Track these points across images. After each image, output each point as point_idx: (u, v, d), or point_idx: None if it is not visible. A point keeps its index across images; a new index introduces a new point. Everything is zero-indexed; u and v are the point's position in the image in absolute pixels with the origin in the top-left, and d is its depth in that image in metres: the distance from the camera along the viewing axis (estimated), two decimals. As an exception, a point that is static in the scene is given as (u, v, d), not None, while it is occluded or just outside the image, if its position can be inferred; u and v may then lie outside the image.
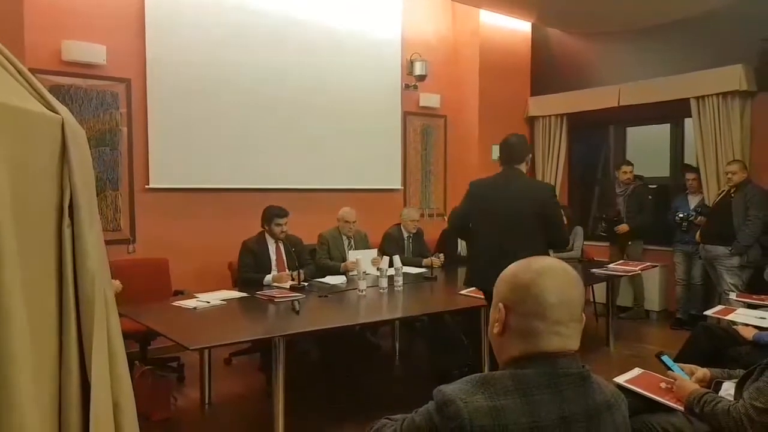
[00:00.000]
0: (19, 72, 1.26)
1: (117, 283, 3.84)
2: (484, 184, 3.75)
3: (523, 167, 3.69)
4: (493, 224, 3.52)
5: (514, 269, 1.25)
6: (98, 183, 4.85)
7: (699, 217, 5.64)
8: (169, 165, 5.22)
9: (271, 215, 4.68)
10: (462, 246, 6.05)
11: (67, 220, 1.25)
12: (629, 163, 6.38)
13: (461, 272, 5.51)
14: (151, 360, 4.30)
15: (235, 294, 4.18)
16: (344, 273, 4.95)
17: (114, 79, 4.95)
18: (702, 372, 2.45)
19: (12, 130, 1.10)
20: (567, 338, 1.19)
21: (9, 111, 1.11)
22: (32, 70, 4.39)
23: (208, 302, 3.82)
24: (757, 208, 5.10)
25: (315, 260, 5.12)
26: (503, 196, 3.54)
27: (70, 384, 1.23)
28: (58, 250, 1.25)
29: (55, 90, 4.57)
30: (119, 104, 4.98)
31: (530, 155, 3.84)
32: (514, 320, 1.21)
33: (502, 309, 1.23)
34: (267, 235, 4.74)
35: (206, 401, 4.07)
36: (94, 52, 4.80)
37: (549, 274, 1.20)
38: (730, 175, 5.28)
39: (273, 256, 4.73)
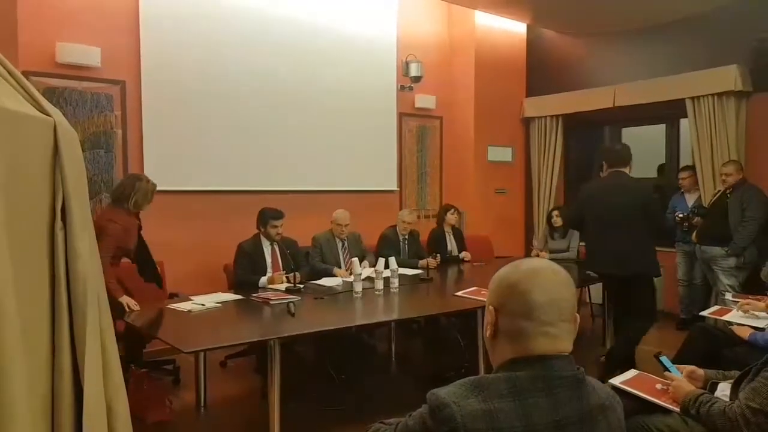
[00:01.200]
0: (11, 74, 1.26)
1: (132, 301, 3.81)
2: (595, 186, 4.59)
3: (627, 170, 4.37)
4: (604, 219, 4.26)
5: (503, 271, 1.26)
6: (93, 186, 4.84)
7: (696, 218, 5.63)
8: (164, 167, 5.21)
9: (267, 217, 4.67)
10: (452, 245, 6.07)
11: (59, 223, 1.24)
12: None
13: (454, 273, 5.55)
14: (146, 363, 4.28)
15: (231, 296, 4.16)
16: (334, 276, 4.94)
17: (109, 81, 4.94)
18: (691, 368, 2.45)
19: (4, 133, 1.10)
20: (556, 339, 1.19)
21: (1, 114, 1.10)
22: (26, 73, 4.39)
23: (204, 305, 3.81)
24: (753, 209, 5.10)
25: (308, 262, 5.11)
26: (611, 195, 4.27)
27: (63, 386, 1.22)
28: (51, 252, 1.24)
29: (49, 92, 4.55)
30: (114, 106, 4.97)
31: (631, 159, 4.46)
32: (503, 322, 1.21)
33: (492, 311, 1.24)
34: (262, 237, 4.72)
35: (202, 404, 4.05)
36: (89, 54, 4.79)
37: (536, 274, 1.21)
38: (724, 177, 5.29)
39: (268, 259, 4.72)
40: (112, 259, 3.88)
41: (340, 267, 5.14)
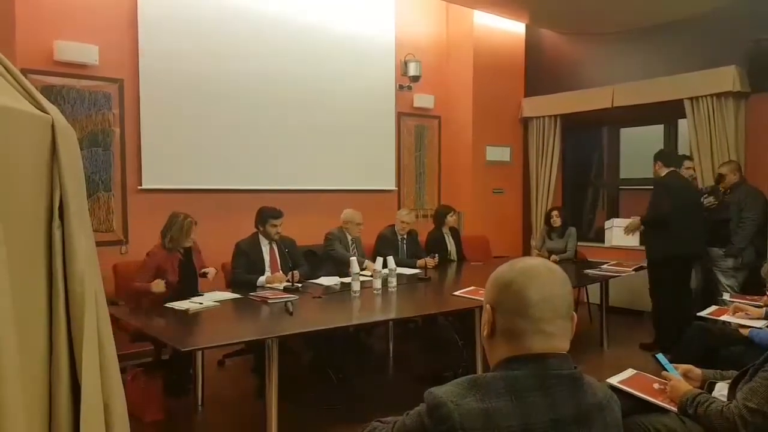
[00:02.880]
0: (8, 71, 1.25)
1: (158, 284, 3.92)
2: (676, 182, 5.20)
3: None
4: (685, 209, 5.06)
5: (498, 270, 1.26)
6: (90, 184, 4.83)
7: (709, 198, 5.41)
8: (162, 166, 5.21)
9: (266, 216, 4.66)
10: (452, 246, 6.06)
11: (56, 221, 1.24)
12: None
13: (452, 273, 5.55)
14: (144, 362, 4.28)
15: (229, 295, 4.16)
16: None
17: (106, 79, 4.93)
18: (688, 366, 2.46)
19: (0, 130, 1.09)
20: (552, 337, 1.18)
21: (-2, 111, 1.10)
22: (24, 71, 4.38)
23: (201, 303, 3.80)
24: (750, 209, 5.10)
25: (330, 254, 5.14)
26: (686, 189, 5.20)
27: (60, 385, 1.22)
28: (48, 251, 1.24)
29: (47, 90, 4.55)
30: (112, 105, 4.96)
31: None
32: (499, 320, 1.22)
33: (489, 310, 1.24)
34: (261, 236, 4.72)
35: (199, 403, 4.05)
36: (87, 53, 4.78)
37: (530, 273, 1.21)
38: (719, 177, 5.30)
39: (267, 258, 4.71)
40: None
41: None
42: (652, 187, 6.80)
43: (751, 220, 5.09)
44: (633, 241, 5.53)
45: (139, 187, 5.12)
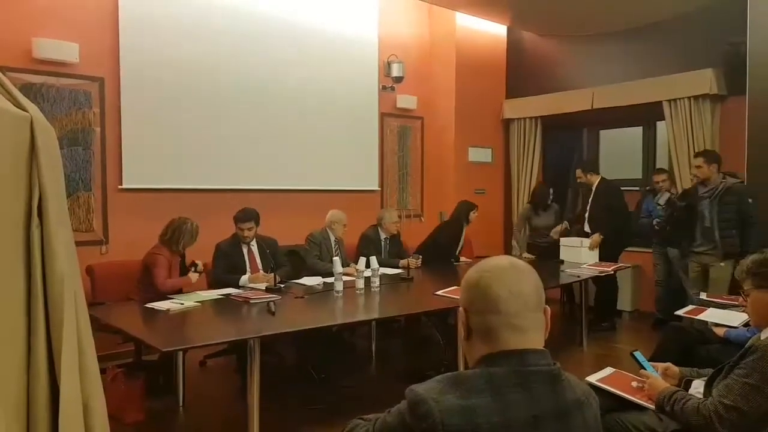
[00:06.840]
0: (-13, 69, 1.24)
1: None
2: (616, 184, 6.10)
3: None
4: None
5: (468, 272, 1.28)
6: (70, 183, 4.77)
7: (665, 208, 5.59)
8: (143, 165, 5.16)
9: (235, 219, 4.66)
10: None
11: (36, 221, 1.22)
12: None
13: (435, 273, 5.57)
14: (125, 362, 4.23)
15: (210, 295, 4.13)
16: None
17: (87, 77, 4.87)
18: (666, 364, 2.50)
19: (-22, 128, 1.08)
20: (526, 331, 1.20)
21: (-25, 109, 1.09)
22: (2, 68, 4.33)
23: (182, 304, 3.78)
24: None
25: (306, 261, 5.10)
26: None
27: (39, 386, 1.21)
28: (27, 251, 1.23)
29: (26, 88, 4.48)
30: (92, 103, 4.91)
31: None
32: (473, 320, 1.24)
33: (463, 312, 1.26)
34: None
35: (180, 404, 4.02)
36: (67, 50, 4.72)
37: (496, 270, 1.23)
38: (695, 170, 5.09)
39: (247, 258, 4.69)
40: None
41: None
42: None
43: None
44: (594, 257, 5.76)
45: (120, 187, 5.07)
